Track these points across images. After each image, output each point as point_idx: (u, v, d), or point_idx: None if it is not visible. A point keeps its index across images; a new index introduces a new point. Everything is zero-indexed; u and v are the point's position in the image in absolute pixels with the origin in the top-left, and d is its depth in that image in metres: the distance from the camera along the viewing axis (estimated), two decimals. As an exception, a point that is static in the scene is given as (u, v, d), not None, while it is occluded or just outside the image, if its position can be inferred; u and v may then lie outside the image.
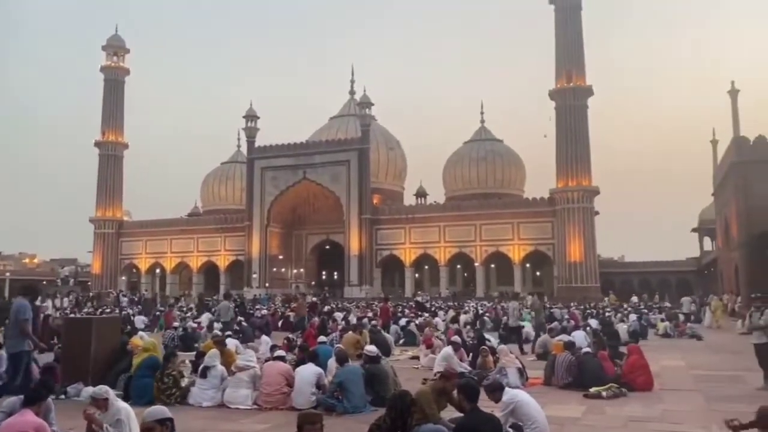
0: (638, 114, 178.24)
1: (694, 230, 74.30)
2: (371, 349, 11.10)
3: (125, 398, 9.30)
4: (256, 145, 68.88)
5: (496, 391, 7.26)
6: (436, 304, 44.05)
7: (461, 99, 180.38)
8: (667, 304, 42.11)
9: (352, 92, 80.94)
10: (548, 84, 60.71)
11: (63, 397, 10.37)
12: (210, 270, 72.90)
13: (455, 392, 7.10)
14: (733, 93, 41.96)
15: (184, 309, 34.88)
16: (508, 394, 7.18)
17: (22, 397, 6.64)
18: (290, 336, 16.57)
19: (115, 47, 75.52)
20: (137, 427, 6.85)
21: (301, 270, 70.56)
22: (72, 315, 27.81)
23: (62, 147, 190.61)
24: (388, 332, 20.86)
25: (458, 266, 65.27)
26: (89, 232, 75.49)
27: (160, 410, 4.63)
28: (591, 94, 59.70)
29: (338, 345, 14.05)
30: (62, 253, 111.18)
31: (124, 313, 33.78)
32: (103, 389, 6.84)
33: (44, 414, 6.76)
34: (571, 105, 58.50)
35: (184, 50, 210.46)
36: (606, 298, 50.31)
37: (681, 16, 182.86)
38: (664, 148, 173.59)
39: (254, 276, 65.84)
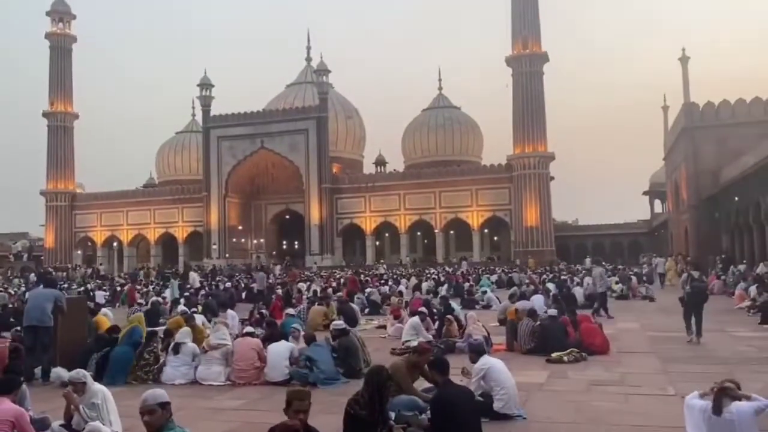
0: (592, 79, 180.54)
1: (645, 193, 76.40)
2: (338, 323, 11.36)
3: (97, 378, 9.30)
4: (212, 113, 67.51)
5: (474, 354, 7.77)
6: (398, 272, 44.69)
7: (419, 66, 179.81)
8: (620, 267, 43.42)
9: (308, 59, 79.96)
10: (505, 51, 61.10)
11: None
12: (168, 242, 71.95)
13: (427, 366, 7.36)
14: (684, 60, 42.86)
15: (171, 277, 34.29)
16: (483, 360, 7.54)
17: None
18: (262, 311, 16.59)
19: (61, 13, 72.50)
20: (114, 409, 6.93)
21: (262, 240, 70.24)
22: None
23: (8, 117, 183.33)
24: (353, 302, 21.12)
25: (418, 233, 65.98)
26: (40, 205, 73.57)
27: (160, 393, 4.64)
28: (546, 61, 60.31)
29: (296, 327, 13.95)
30: (11, 227, 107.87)
31: (82, 288, 33.35)
32: (81, 373, 6.88)
33: (19, 400, 6.74)
34: (527, 71, 59.08)
35: (133, 17, 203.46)
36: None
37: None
38: (617, 114, 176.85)
39: (214, 247, 65.31)
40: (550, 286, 23.73)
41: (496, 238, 66.75)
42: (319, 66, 66.25)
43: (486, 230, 63.98)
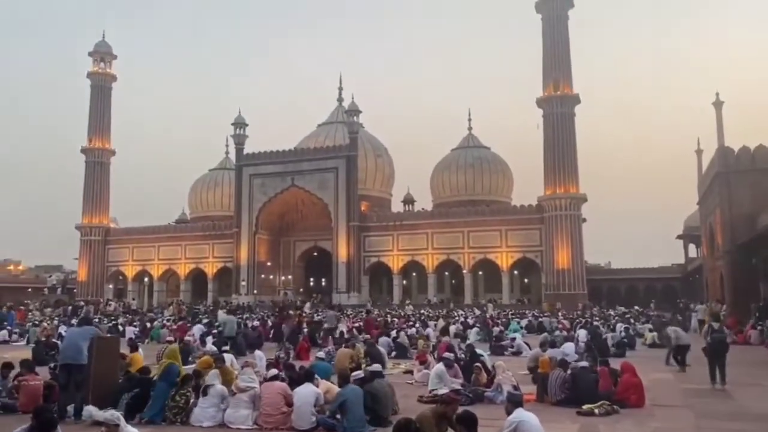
0: (624, 121, 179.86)
1: (679, 237, 75.04)
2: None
3: (127, 418, 9.38)
4: (245, 152, 68.81)
5: (511, 404, 7.73)
6: (425, 312, 44.36)
7: (449, 106, 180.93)
8: (653, 312, 42.53)
9: (340, 99, 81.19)
10: (536, 92, 61.38)
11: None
12: (198, 277, 72.63)
13: (455, 419, 7.32)
14: (718, 104, 42.51)
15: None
16: (516, 413, 7.47)
17: (25, 427, 6.58)
18: (280, 355, 16.54)
19: (102, 53, 75.24)
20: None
21: (290, 277, 70.57)
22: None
23: (48, 153, 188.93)
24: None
25: (446, 273, 65.55)
26: (75, 239, 75.09)
27: None
28: (578, 102, 60.31)
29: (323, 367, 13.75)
30: (46, 260, 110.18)
31: (112, 323, 33.82)
32: (115, 415, 7.00)
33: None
34: (558, 113, 59.10)
35: (171, 57, 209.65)
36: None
37: (668, 26, 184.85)
38: (650, 156, 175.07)
39: (243, 283, 65.74)
40: (581, 333, 23.26)
41: (526, 280, 65.94)
42: (350, 106, 67.26)
43: (516, 272, 63.28)
